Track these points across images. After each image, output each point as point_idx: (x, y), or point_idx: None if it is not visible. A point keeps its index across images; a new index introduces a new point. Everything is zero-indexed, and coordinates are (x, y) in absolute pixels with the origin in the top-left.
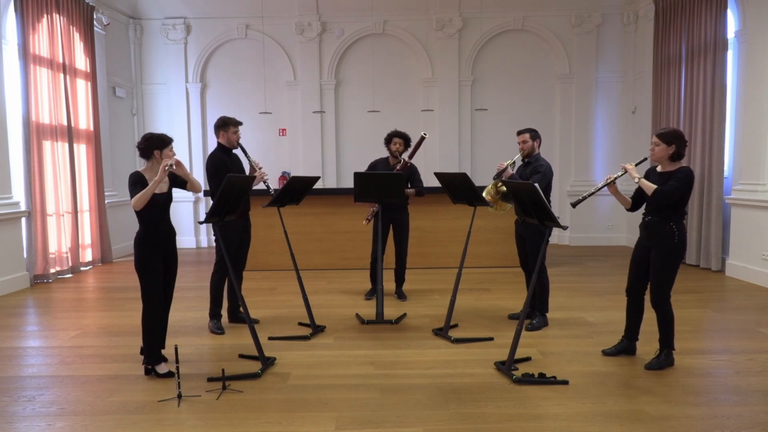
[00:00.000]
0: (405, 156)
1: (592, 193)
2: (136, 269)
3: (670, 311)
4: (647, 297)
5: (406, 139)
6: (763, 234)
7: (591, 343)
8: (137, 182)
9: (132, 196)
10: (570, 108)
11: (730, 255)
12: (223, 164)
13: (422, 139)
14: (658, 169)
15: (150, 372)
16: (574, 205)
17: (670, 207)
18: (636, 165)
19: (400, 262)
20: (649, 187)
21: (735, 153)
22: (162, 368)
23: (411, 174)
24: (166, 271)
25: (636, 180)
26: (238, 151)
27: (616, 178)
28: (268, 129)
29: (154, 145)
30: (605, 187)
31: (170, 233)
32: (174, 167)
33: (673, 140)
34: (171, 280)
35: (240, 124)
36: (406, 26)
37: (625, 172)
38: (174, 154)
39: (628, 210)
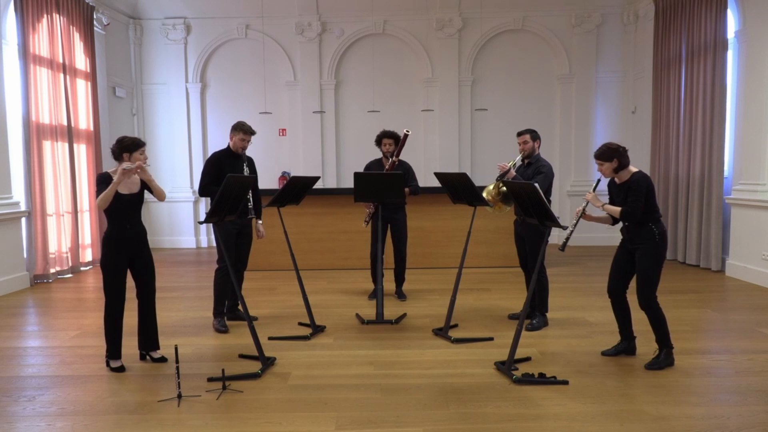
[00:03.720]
0: (393, 156)
1: (572, 232)
2: (101, 266)
3: (659, 311)
4: (634, 298)
5: (396, 139)
6: (763, 234)
7: (591, 343)
8: (103, 182)
9: (98, 195)
10: (570, 108)
11: (730, 255)
12: (218, 165)
13: (405, 136)
14: (617, 180)
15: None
16: (562, 249)
17: (645, 212)
18: (594, 190)
19: (400, 262)
20: (615, 210)
21: (735, 153)
22: (115, 363)
23: (405, 173)
24: (136, 271)
25: (601, 207)
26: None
27: (584, 209)
28: (268, 129)
29: (125, 148)
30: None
31: (139, 233)
32: (136, 170)
33: (612, 155)
34: (145, 280)
35: (253, 133)
36: (406, 26)
37: (588, 202)
38: (145, 158)
39: (612, 224)
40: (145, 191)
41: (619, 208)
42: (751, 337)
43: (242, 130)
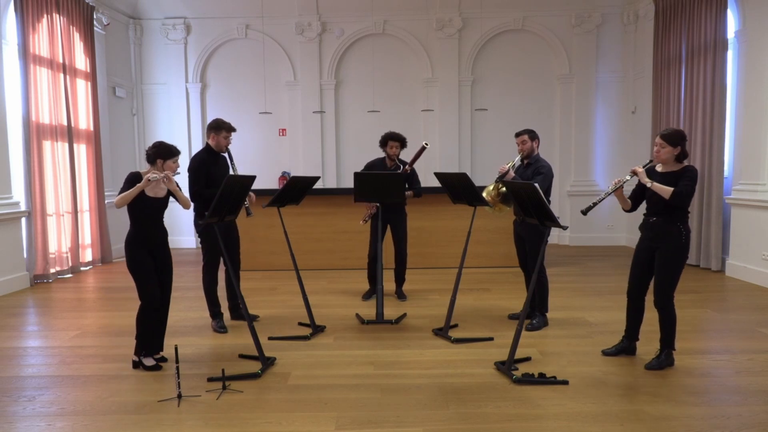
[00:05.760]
0: (406, 164)
1: (602, 199)
2: (129, 270)
3: (673, 312)
4: (648, 298)
5: (402, 142)
6: (763, 234)
7: (591, 343)
8: (129, 182)
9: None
10: (570, 108)
11: (730, 255)
12: (206, 167)
13: (423, 149)
14: (659, 168)
15: (137, 365)
16: (584, 212)
17: (678, 207)
18: (644, 168)
19: (401, 263)
20: (666, 190)
21: (735, 153)
22: (149, 361)
23: (410, 176)
24: (159, 272)
25: (649, 184)
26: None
27: (625, 182)
28: (268, 129)
29: (160, 154)
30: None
31: (162, 235)
32: (162, 180)
33: (679, 141)
34: (167, 280)
35: (234, 130)
36: (406, 26)
37: (634, 175)
38: (178, 167)
39: (627, 211)
40: (170, 197)
41: (669, 189)
42: (751, 337)
43: (225, 128)
